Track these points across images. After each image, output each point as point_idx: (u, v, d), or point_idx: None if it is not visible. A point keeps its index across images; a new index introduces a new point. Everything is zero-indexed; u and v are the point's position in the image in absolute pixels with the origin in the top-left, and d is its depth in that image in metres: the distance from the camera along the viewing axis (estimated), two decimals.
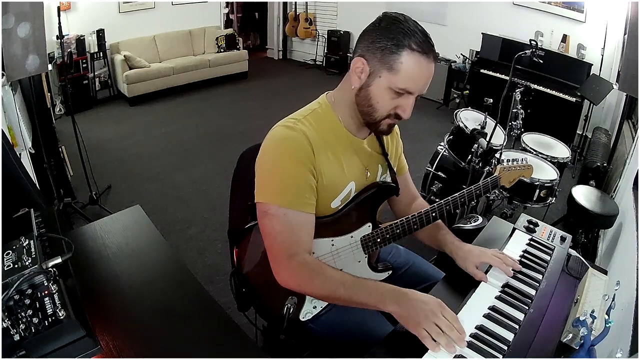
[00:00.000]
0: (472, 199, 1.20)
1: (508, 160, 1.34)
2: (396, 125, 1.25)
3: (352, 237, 1.11)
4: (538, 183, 2.34)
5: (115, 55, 5.09)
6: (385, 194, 1.17)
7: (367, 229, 1.13)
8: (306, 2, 6.67)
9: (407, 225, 1.12)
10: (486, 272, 1.10)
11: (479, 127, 2.31)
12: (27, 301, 0.80)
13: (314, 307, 1.12)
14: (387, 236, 1.12)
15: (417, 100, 1.01)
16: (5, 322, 0.76)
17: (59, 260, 0.88)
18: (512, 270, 1.07)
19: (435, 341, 0.84)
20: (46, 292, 0.82)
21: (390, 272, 1.19)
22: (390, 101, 0.98)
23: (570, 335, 0.91)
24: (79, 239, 1.21)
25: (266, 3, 7.13)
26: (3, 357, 0.73)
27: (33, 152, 2.34)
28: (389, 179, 1.20)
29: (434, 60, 0.95)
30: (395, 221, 1.13)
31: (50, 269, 0.86)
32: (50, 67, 2.88)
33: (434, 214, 1.14)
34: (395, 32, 0.93)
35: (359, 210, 1.11)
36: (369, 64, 0.96)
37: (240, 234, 1.23)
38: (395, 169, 1.23)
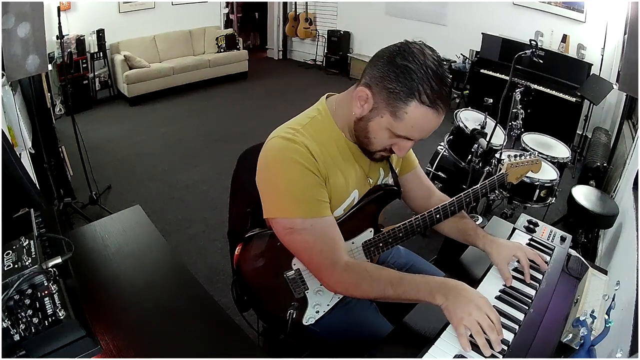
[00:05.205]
0: (477, 198, 1.17)
1: (515, 156, 1.29)
2: None
3: (353, 243, 1.10)
4: (538, 183, 2.34)
5: (115, 55, 5.08)
6: (386, 198, 1.15)
7: (368, 234, 1.12)
8: (306, 2, 6.67)
9: (410, 228, 1.10)
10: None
11: (479, 127, 2.31)
12: (27, 301, 0.80)
13: (317, 312, 1.11)
14: (390, 240, 1.11)
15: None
16: (5, 322, 0.76)
17: (59, 260, 0.88)
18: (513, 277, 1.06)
19: (469, 340, 0.83)
20: (46, 292, 0.82)
21: None
22: (387, 139, 0.96)
23: (570, 335, 0.91)
24: (79, 239, 1.21)
25: (266, 3, 7.13)
26: (3, 357, 0.73)
27: (33, 152, 2.34)
28: (391, 181, 1.18)
29: (443, 112, 0.89)
30: (397, 225, 1.11)
31: (50, 269, 0.86)
32: (50, 67, 2.87)
33: (437, 216, 1.12)
34: (407, 77, 0.86)
35: (359, 216, 1.10)
36: (374, 99, 0.91)
37: (240, 241, 1.20)
38: (398, 169, 1.21)
